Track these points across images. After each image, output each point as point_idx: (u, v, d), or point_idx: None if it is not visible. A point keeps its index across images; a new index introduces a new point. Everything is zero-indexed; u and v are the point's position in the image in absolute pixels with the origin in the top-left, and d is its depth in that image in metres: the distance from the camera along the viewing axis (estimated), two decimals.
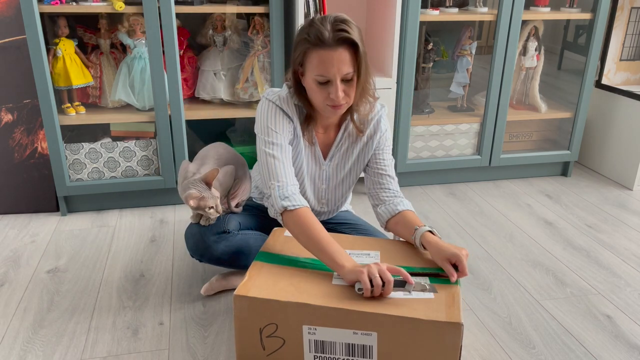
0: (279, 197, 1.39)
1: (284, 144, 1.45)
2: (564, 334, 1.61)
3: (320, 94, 1.39)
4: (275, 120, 1.46)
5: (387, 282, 1.21)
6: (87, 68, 2.24)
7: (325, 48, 1.32)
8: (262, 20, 2.27)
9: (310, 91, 1.42)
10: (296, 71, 1.44)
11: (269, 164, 1.43)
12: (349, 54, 1.34)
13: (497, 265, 1.99)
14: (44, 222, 2.25)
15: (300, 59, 1.38)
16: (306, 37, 1.35)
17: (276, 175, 1.42)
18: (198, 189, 1.51)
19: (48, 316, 1.66)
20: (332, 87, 1.36)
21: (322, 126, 1.56)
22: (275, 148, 1.44)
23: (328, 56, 1.32)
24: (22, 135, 2.26)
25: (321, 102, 1.41)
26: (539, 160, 2.73)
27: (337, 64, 1.33)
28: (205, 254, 1.63)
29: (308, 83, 1.41)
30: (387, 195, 1.57)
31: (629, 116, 2.67)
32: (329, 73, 1.34)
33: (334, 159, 1.60)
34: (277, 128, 1.46)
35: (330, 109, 1.41)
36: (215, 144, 1.82)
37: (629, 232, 2.25)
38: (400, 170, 2.55)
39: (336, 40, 1.32)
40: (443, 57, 2.71)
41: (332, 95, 1.36)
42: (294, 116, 1.50)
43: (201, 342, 1.55)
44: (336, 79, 1.35)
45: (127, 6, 2.08)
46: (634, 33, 2.78)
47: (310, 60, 1.36)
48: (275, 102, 1.48)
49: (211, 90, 2.37)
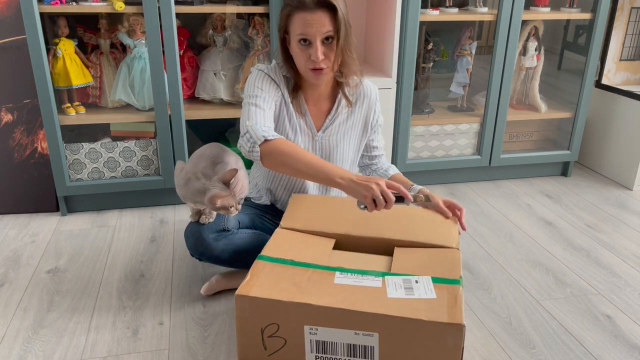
0: (259, 130, 1.44)
1: (267, 99, 1.52)
2: (564, 334, 1.61)
3: (302, 57, 1.47)
4: (262, 83, 1.55)
5: (389, 201, 1.31)
6: (87, 68, 2.24)
7: (306, 10, 1.42)
8: (262, 20, 2.27)
9: (294, 56, 1.51)
10: (283, 39, 1.53)
11: (250, 111, 1.49)
12: (328, 17, 1.43)
13: (497, 265, 1.99)
14: (44, 222, 2.25)
15: (284, 23, 1.48)
16: (289, 1, 1.45)
17: (255, 117, 1.48)
18: (221, 188, 1.51)
19: (48, 316, 1.65)
20: (312, 47, 1.44)
21: (312, 98, 1.62)
22: (257, 99, 1.51)
23: (308, 17, 1.42)
24: (22, 135, 2.25)
25: (304, 66, 1.49)
26: (539, 160, 2.73)
27: (316, 25, 1.42)
28: (204, 252, 1.63)
29: (292, 48, 1.49)
30: (377, 163, 1.81)
31: (629, 116, 2.68)
32: (308, 33, 1.43)
33: (327, 130, 1.65)
34: (263, 88, 1.54)
35: (312, 73, 1.49)
36: (210, 144, 1.81)
37: (629, 232, 2.25)
38: (400, 170, 2.54)
39: (315, 3, 1.42)
40: (443, 57, 2.71)
41: (312, 56, 1.44)
42: (282, 84, 1.58)
43: (201, 342, 1.55)
44: (316, 39, 1.44)
45: (127, 6, 2.08)
46: (634, 33, 2.78)
47: (292, 23, 1.45)
48: (264, 70, 1.57)
49: (211, 90, 2.37)
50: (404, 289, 1.26)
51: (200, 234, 1.61)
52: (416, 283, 1.28)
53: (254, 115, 1.48)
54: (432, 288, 1.27)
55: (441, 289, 1.27)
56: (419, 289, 1.26)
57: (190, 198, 1.57)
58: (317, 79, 1.51)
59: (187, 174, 1.61)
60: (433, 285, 1.28)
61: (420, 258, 1.40)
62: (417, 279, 1.30)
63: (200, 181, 1.54)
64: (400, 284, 1.28)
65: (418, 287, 1.27)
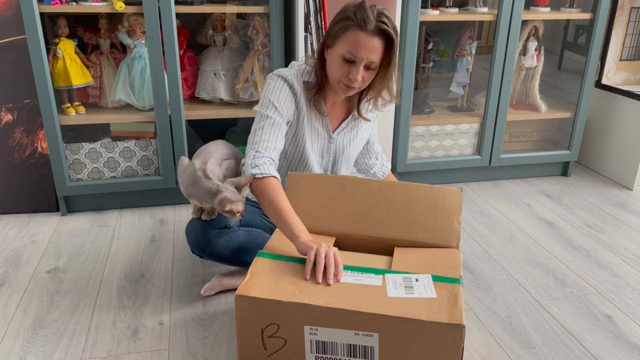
0: (250, 165, 1.46)
1: (278, 120, 1.52)
2: (564, 334, 1.61)
3: (340, 70, 1.47)
4: (279, 95, 1.54)
5: (337, 265, 1.28)
6: (87, 68, 2.24)
7: (366, 31, 1.42)
8: (262, 20, 2.27)
9: (331, 64, 1.50)
10: (324, 42, 1.52)
11: (256, 134, 1.51)
12: (382, 46, 1.44)
13: (497, 265, 1.99)
14: (44, 222, 2.25)
15: (336, 33, 1.46)
16: (352, 16, 1.43)
17: (257, 144, 1.49)
18: (231, 193, 1.50)
19: (48, 316, 1.65)
20: (355, 68, 1.45)
21: (331, 100, 1.64)
22: (268, 121, 1.51)
23: (364, 39, 1.42)
24: (22, 135, 2.25)
25: (337, 77, 1.49)
26: (539, 160, 2.73)
27: (369, 50, 1.43)
28: (205, 248, 1.63)
29: (333, 56, 1.48)
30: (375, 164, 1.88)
31: (629, 116, 2.67)
32: (358, 55, 1.43)
33: (342, 133, 1.69)
34: (278, 103, 1.53)
35: (343, 87, 1.50)
36: (215, 141, 1.81)
37: (629, 232, 2.25)
38: (400, 170, 2.55)
39: (377, 29, 1.42)
40: (443, 57, 2.71)
41: (351, 75, 1.46)
42: (301, 92, 1.57)
43: (201, 342, 1.55)
44: (361, 63, 1.45)
45: (127, 6, 2.08)
46: (634, 33, 2.78)
47: (346, 37, 1.44)
48: (286, 77, 1.56)
49: (211, 90, 2.37)
50: (404, 288, 1.26)
51: (202, 230, 1.61)
52: (416, 282, 1.28)
53: (256, 141, 1.50)
54: (432, 287, 1.27)
55: (441, 289, 1.27)
56: (419, 288, 1.26)
57: (198, 197, 1.55)
58: (345, 92, 1.53)
59: (195, 171, 1.59)
60: (433, 284, 1.28)
61: (420, 258, 1.40)
62: (418, 277, 1.30)
63: (211, 181, 1.52)
64: (400, 282, 1.28)
65: (418, 285, 1.27)
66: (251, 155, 1.48)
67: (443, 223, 1.48)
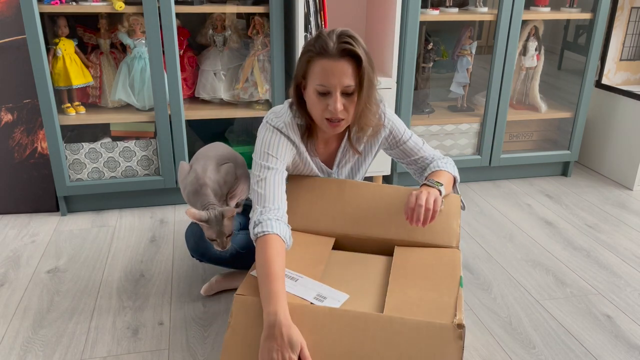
0: (254, 223, 1.32)
1: (279, 168, 1.41)
2: (564, 334, 1.61)
3: (319, 106, 1.37)
4: (277, 146, 1.43)
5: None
6: (87, 68, 2.24)
7: (328, 57, 1.32)
8: (262, 20, 2.27)
9: (310, 103, 1.40)
10: (298, 84, 1.43)
11: (259, 188, 1.38)
12: (352, 67, 1.33)
13: (497, 265, 1.99)
14: (44, 222, 2.25)
15: (304, 69, 1.38)
16: (311, 47, 1.35)
17: (263, 199, 1.35)
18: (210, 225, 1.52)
19: (48, 316, 1.65)
20: (331, 98, 1.35)
21: (323, 140, 1.54)
22: (268, 172, 1.39)
23: (330, 66, 1.32)
24: (22, 135, 2.25)
25: (320, 115, 1.39)
26: (539, 160, 2.73)
27: (338, 75, 1.32)
28: (205, 253, 1.63)
29: (309, 94, 1.39)
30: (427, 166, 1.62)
31: (629, 116, 2.67)
32: (329, 83, 1.33)
33: (341, 164, 1.59)
34: (276, 153, 1.42)
35: (328, 125, 1.40)
36: (214, 144, 1.82)
37: (629, 232, 2.25)
38: (401, 170, 2.55)
39: (340, 51, 1.32)
40: (443, 57, 2.71)
41: (330, 107, 1.35)
42: (297, 139, 1.47)
43: (201, 342, 1.55)
44: (336, 90, 1.34)
45: (127, 6, 2.08)
46: (634, 33, 2.78)
47: (312, 70, 1.35)
48: (280, 128, 1.45)
49: (211, 90, 2.37)
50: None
51: (202, 235, 1.61)
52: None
53: (260, 197, 1.36)
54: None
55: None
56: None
57: (198, 208, 1.58)
58: (332, 130, 1.42)
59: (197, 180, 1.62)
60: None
61: (420, 258, 1.40)
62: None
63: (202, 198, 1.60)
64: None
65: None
66: (257, 210, 1.34)
67: (442, 225, 1.48)
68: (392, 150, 1.62)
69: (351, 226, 1.50)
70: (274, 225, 1.30)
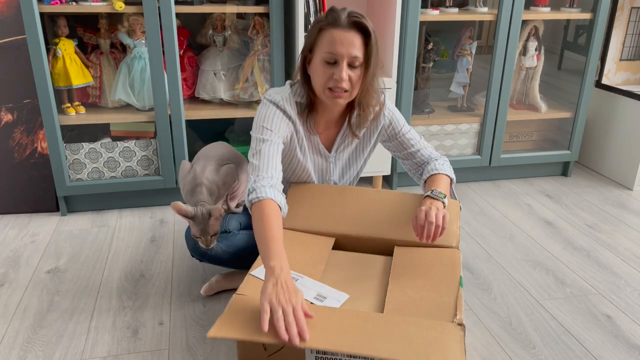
0: (249, 190, 1.36)
1: (274, 140, 1.44)
2: (564, 334, 1.61)
3: (324, 74, 1.40)
4: (272, 120, 1.46)
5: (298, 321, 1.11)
6: (87, 68, 2.24)
7: (340, 28, 1.37)
8: (262, 20, 2.27)
9: (314, 75, 1.43)
10: (305, 57, 1.46)
11: (254, 157, 1.42)
12: (360, 40, 1.38)
13: (497, 265, 1.99)
14: (44, 222, 2.25)
15: (313, 40, 1.42)
16: (323, 19, 1.40)
17: (257, 169, 1.39)
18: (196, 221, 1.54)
19: (48, 316, 1.65)
20: (338, 67, 1.38)
21: (323, 122, 1.56)
22: (263, 144, 1.42)
23: (340, 35, 1.36)
24: (22, 135, 2.25)
25: (323, 85, 1.41)
26: (539, 160, 2.73)
27: (347, 45, 1.36)
28: (205, 253, 1.63)
29: (314, 65, 1.42)
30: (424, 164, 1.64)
31: (629, 116, 2.67)
32: (337, 52, 1.37)
33: (339, 150, 1.62)
34: (271, 126, 1.45)
35: (330, 94, 1.42)
36: (216, 144, 1.82)
37: (629, 232, 2.25)
38: (400, 170, 2.55)
39: (350, 23, 1.37)
40: (443, 57, 2.71)
41: (336, 75, 1.38)
42: (295, 115, 1.50)
43: (201, 342, 1.55)
44: (343, 60, 1.38)
45: (127, 6, 2.08)
46: (634, 33, 2.78)
47: (322, 40, 1.39)
48: (277, 102, 1.48)
49: (211, 90, 2.37)
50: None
51: None
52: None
53: (255, 166, 1.39)
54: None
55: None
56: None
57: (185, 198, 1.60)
58: (334, 101, 1.43)
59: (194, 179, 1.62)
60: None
61: (420, 258, 1.40)
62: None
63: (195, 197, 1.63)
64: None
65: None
66: (251, 180, 1.38)
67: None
68: (390, 143, 1.65)
69: (351, 226, 1.50)
70: (268, 191, 1.33)
